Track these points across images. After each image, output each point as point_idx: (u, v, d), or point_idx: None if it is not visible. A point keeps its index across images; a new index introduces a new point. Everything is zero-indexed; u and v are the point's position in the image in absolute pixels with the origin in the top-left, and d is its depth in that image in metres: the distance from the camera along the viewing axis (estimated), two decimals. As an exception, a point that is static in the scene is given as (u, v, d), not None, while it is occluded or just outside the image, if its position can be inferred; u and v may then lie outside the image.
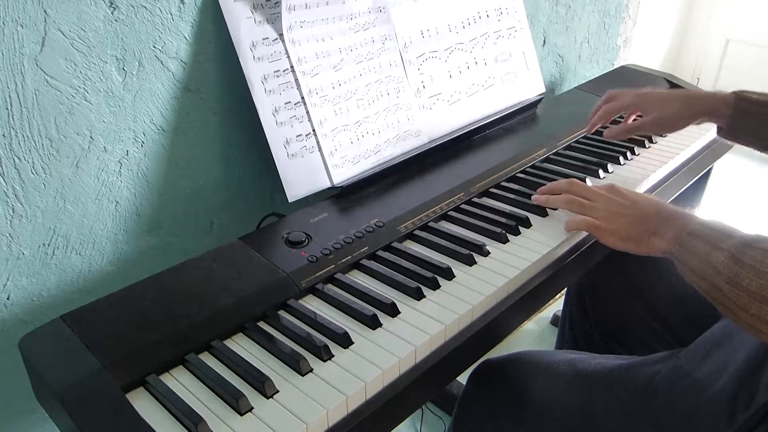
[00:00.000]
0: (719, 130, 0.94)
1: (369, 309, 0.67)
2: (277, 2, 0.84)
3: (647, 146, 1.08)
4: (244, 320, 0.66)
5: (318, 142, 0.88)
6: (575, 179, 0.86)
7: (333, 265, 0.74)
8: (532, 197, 0.87)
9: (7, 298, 0.75)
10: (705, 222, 0.69)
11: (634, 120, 1.00)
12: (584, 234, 0.83)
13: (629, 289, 0.98)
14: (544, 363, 0.82)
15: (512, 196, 0.90)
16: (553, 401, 0.77)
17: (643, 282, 0.95)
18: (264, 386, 0.57)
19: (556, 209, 0.87)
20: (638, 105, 0.97)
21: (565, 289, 1.19)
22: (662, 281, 0.94)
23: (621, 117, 1.05)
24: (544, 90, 1.21)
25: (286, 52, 0.85)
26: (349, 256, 0.75)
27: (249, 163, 0.92)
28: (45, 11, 0.67)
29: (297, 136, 0.86)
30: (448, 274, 0.73)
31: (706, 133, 1.15)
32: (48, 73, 0.70)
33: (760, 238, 0.62)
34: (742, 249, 0.62)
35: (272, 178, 0.90)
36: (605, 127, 1.01)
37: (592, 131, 1.04)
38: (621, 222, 0.76)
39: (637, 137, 1.10)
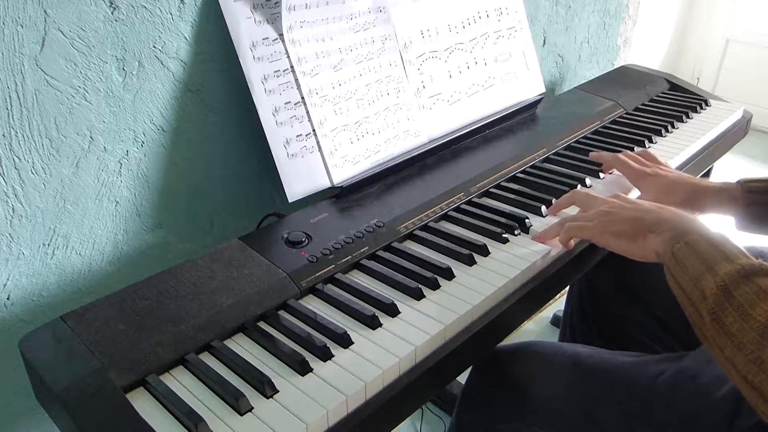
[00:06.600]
0: (737, 223, 0.86)
1: (369, 309, 0.67)
2: (277, 2, 0.84)
3: (647, 146, 1.08)
4: (244, 320, 0.66)
5: (318, 142, 0.88)
6: (577, 189, 0.81)
7: (333, 265, 0.74)
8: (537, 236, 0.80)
9: (7, 298, 0.75)
10: (708, 234, 0.61)
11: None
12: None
13: (628, 292, 0.98)
14: (549, 355, 0.81)
15: (512, 196, 0.90)
16: (555, 394, 0.77)
17: (642, 285, 0.95)
18: (264, 386, 0.57)
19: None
20: (640, 186, 0.90)
21: (567, 291, 1.19)
22: (661, 284, 0.94)
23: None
24: (544, 90, 1.21)
25: (286, 52, 0.85)
26: (349, 256, 0.75)
27: (249, 163, 0.92)
28: (45, 11, 0.67)
29: (297, 136, 0.86)
30: (448, 274, 0.73)
31: (705, 133, 1.15)
32: (48, 73, 0.70)
33: (762, 270, 0.54)
34: (737, 280, 0.54)
35: (272, 178, 0.91)
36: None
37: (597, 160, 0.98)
38: (615, 218, 0.72)
39: (637, 137, 1.10)
